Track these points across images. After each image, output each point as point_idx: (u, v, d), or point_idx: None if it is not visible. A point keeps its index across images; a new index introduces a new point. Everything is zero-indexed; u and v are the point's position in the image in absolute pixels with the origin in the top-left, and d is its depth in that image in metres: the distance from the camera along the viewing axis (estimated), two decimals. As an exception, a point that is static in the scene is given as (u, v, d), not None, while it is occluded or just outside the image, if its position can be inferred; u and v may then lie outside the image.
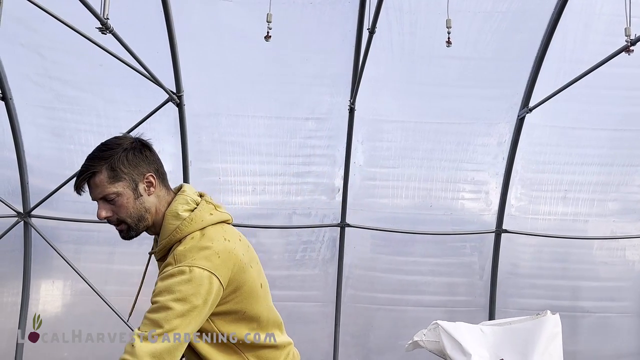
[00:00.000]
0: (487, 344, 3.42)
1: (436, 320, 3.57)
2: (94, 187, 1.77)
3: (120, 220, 1.80)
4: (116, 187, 1.77)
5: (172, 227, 1.82)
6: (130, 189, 1.80)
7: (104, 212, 1.78)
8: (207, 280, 1.69)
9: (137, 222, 1.82)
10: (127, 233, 1.83)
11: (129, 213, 1.80)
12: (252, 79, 4.67)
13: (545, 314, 3.49)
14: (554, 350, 3.31)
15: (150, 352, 1.62)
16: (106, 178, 1.76)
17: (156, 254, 1.89)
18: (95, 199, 1.78)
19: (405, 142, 4.92)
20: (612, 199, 5.08)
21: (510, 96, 4.69)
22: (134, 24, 4.02)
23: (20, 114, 4.67)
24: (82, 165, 1.79)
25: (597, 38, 4.26)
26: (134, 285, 5.58)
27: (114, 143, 1.84)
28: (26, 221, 4.91)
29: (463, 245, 5.21)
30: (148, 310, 1.70)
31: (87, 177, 1.76)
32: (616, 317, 5.16)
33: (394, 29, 4.31)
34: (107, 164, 1.77)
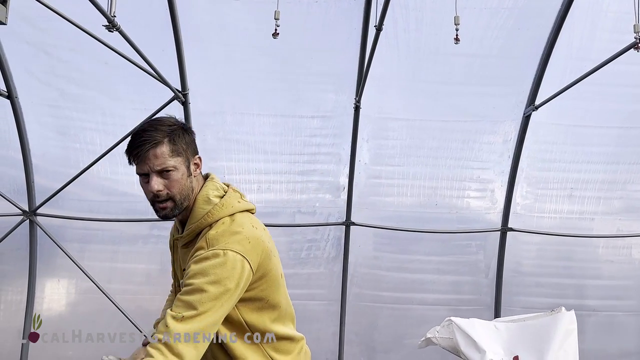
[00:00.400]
0: (502, 341, 3.39)
1: (449, 317, 3.55)
2: (153, 158, 1.75)
3: (169, 197, 1.79)
4: (175, 161, 1.78)
5: (203, 212, 1.83)
6: (184, 166, 1.81)
7: (157, 186, 1.76)
8: (239, 264, 1.72)
9: (182, 201, 1.82)
10: (171, 211, 1.81)
11: (180, 189, 1.79)
12: (257, 77, 4.67)
13: (560, 310, 3.47)
14: (569, 347, 3.28)
15: (184, 332, 1.63)
16: (168, 151, 1.76)
17: (183, 238, 1.88)
18: (151, 170, 1.76)
19: (411, 140, 4.91)
20: (618, 197, 5.06)
21: (516, 94, 4.67)
22: (140, 23, 4.01)
23: (25, 113, 4.68)
24: (139, 136, 1.76)
25: (604, 35, 4.24)
26: (137, 284, 5.64)
27: (170, 120, 1.84)
28: (31, 220, 4.92)
29: (468, 243, 5.19)
30: (181, 292, 1.71)
31: (150, 146, 1.74)
32: (622, 316, 5.14)
33: (399, 26, 4.30)
34: (169, 138, 1.77)
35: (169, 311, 1.67)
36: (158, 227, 5.14)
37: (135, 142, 1.77)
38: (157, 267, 5.23)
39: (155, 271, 5.24)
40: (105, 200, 5.03)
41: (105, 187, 5.02)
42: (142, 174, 1.79)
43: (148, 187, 1.77)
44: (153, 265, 5.22)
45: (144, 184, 1.79)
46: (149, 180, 1.76)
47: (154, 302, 5.22)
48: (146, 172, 1.77)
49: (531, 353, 3.28)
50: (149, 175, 1.76)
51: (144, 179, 1.79)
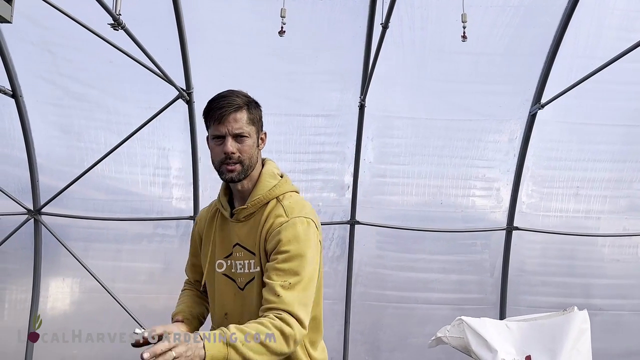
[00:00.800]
0: (513, 340, 3.36)
1: (460, 316, 3.52)
2: (233, 121, 1.84)
3: (239, 160, 1.86)
4: (250, 129, 1.88)
5: (269, 185, 1.92)
6: (255, 136, 1.91)
7: (231, 148, 1.84)
8: (318, 232, 1.89)
9: (248, 168, 1.89)
10: (238, 174, 1.88)
11: (249, 155, 1.88)
12: (262, 76, 4.65)
13: (572, 310, 3.44)
14: (582, 347, 3.26)
15: (296, 299, 1.72)
16: (245, 117, 1.87)
17: (246, 209, 1.92)
18: (229, 133, 1.84)
19: (416, 139, 4.89)
20: (624, 196, 5.03)
21: (522, 92, 4.64)
22: (144, 21, 4.00)
23: (30, 112, 4.69)
24: (221, 99, 1.86)
25: (610, 33, 4.22)
26: (141, 283, 5.65)
27: (245, 92, 1.95)
28: (36, 219, 4.92)
29: (473, 242, 5.17)
30: (278, 260, 1.77)
31: (232, 110, 1.84)
32: (628, 315, 5.11)
33: (404, 24, 4.28)
34: (247, 106, 1.89)
35: (272, 282, 1.73)
36: (162, 226, 5.15)
37: (216, 104, 1.86)
38: (161, 266, 5.23)
39: (159, 270, 5.25)
40: (110, 199, 5.04)
41: (110, 186, 5.03)
42: (217, 136, 1.86)
43: (222, 148, 1.85)
44: (157, 264, 5.22)
45: (216, 146, 1.87)
46: (224, 142, 1.84)
47: (158, 301, 5.22)
48: (222, 134, 1.84)
49: (544, 353, 3.25)
50: (225, 138, 1.84)
51: (218, 141, 1.86)
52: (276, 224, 1.84)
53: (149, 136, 4.81)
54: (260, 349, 1.61)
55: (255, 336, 1.61)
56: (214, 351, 1.54)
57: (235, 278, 1.93)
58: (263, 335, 1.62)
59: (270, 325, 1.64)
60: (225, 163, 1.86)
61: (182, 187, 5.03)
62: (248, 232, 1.90)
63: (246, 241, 1.91)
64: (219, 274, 1.96)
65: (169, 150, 4.93)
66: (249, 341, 1.60)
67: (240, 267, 1.91)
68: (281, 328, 1.65)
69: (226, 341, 1.56)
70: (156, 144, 4.89)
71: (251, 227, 1.90)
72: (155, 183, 5.02)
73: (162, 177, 5.01)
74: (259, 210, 1.91)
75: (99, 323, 5.01)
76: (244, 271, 1.91)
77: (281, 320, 1.66)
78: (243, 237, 1.91)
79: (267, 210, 1.89)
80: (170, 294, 5.24)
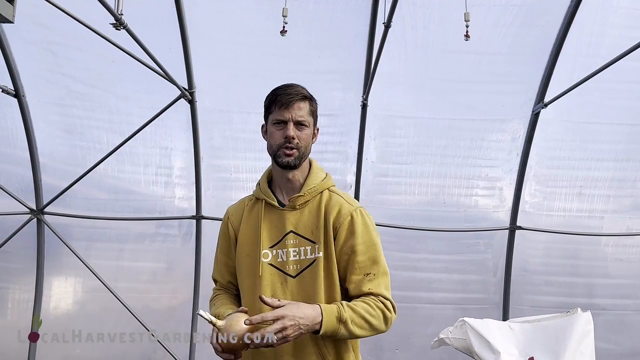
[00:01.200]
0: (516, 342, 3.34)
1: (463, 317, 3.51)
2: (297, 109, 1.96)
3: (297, 147, 1.97)
4: (310, 119, 2.00)
5: (321, 176, 2.07)
6: (312, 128, 2.03)
7: (292, 132, 1.95)
8: None
9: (303, 155, 2.00)
10: (294, 159, 1.98)
11: (306, 144, 2.00)
12: (264, 75, 4.64)
13: (576, 311, 3.43)
14: (585, 349, 3.24)
15: (383, 286, 1.96)
16: (308, 108, 2.00)
17: (302, 197, 2.01)
18: (292, 119, 1.95)
19: (418, 138, 4.88)
20: (628, 195, 5.01)
21: (525, 91, 4.63)
22: (146, 21, 4.01)
23: (32, 111, 4.69)
24: (288, 87, 1.99)
25: (614, 32, 4.20)
26: (144, 282, 5.65)
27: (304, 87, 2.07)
28: (39, 218, 4.93)
29: (476, 242, 5.16)
30: (359, 252, 1.94)
31: (299, 98, 1.97)
32: (632, 315, 5.09)
33: (407, 23, 4.27)
34: (310, 99, 2.02)
35: (358, 277, 1.92)
36: (165, 225, 5.15)
37: (283, 91, 1.98)
38: (163, 265, 5.24)
39: (161, 269, 5.26)
40: (112, 198, 5.04)
41: (112, 185, 5.03)
42: (279, 121, 1.97)
43: (283, 132, 1.96)
44: (159, 263, 5.23)
45: (277, 130, 1.97)
46: (286, 127, 1.96)
47: (160, 301, 5.23)
48: (285, 120, 1.96)
49: (547, 354, 3.23)
50: (287, 123, 1.95)
51: (279, 126, 1.97)
52: (345, 212, 1.97)
53: (151, 136, 4.81)
54: (363, 326, 1.86)
55: (362, 315, 1.85)
56: (329, 326, 1.78)
57: (283, 267, 1.97)
58: (368, 315, 1.86)
59: (375, 307, 1.89)
60: (284, 147, 1.96)
61: (184, 187, 5.04)
62: (304, 220, 1.99)
63: (302, 228, 1.98)
64: (264, 264, 1.98)
65: (171, 149, 4.94)
66: (356, 319, 1.84)
67: (294, 254, 1.97)
68: (383, 310, 1.91)
69: (339, 317, 1.80)
70: (158, 143, 4.90)
71: (308, 215, 1.99)
72: (157, 182, 5.03)
73: (164, 176, 5.01)
74: (312, 199, 2.01)
75: (101, 322, 5.01)
76: (299, 258, 1.97)
77: (383, 303, 1.91)
78: (298, 225, 1.99)
79: (323, 199, 2.01)
80: (172, 294, 5.26)
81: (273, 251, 1.98)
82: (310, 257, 1.94)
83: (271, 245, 1.99)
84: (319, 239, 1.95)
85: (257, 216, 2.05)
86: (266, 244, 1.99)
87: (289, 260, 1.96)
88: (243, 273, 2.04)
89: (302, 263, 1.95)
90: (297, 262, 1.96)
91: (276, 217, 2.01)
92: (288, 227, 1.98)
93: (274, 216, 2.01)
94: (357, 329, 1.84)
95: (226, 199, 5.05)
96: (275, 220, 2.01)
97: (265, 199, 2.05)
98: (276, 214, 2.01)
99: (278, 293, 1.95)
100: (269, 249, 1.99)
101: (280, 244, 1.98)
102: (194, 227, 5.06)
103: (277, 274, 1.96)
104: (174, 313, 5.17)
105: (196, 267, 5.06)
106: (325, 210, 1.98)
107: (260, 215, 2.03)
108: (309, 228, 1.97)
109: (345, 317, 1.81)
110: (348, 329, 1.81)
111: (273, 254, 1.98)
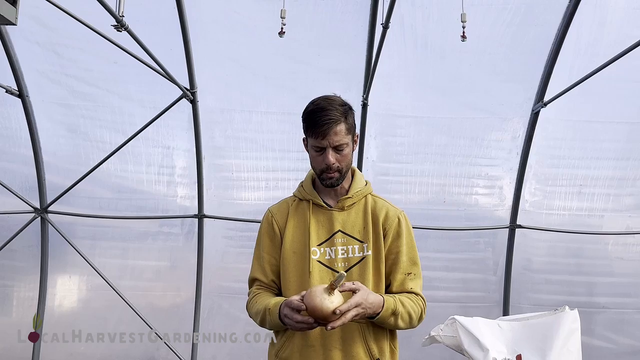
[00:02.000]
0: (505, 339, 3.39)
1: (453, 315, 3.55)
2: (333, 135, 1.96)
3: (338, 169, 2.02)
4: (348, 138, 2.01)
5: (363, 183, 2.17)
6: (352, 142, 2.06)
7: (332, 159, 1.99)
8: None
9: (346, 172, 2.07)
10: (336, 180, 2.05)
11: (347, 162, 2.05)
12: (265, 75, 4.68)
13: (563, 309, 3.46)
14: (572, 346, 3.28)
15: (419, 286, 2.10)
16: (344, 129, 1.99)
17: (350, 199, 2.11)
18: (329, 145, 1.97)
19: (419, 137, 4.90)
20: (628, 194, 5.01)
21: (525, 90, 4.64)
22: (148, 21, 4.05)
23: (36, 111, 4.74)
24: (323, 115, 1.95)
25: (613, 30, 4.20)
26: (147, 280, 5.68)
27: (341, 99, 2.06)
28: (43, 217, 4.98)
29: (477, 240, 5.18)
30: (403, 252, 2.07)
31: (334, 125, 1.95)
32: (633, 313, 5.09)
33: (406, 23, 4.29)
34: (345, 117, 1.99)
35: (402, 276, 2.06)
36: (168, 224, 5.19)
37: (318, 119, 1.95)
38: (166, 263, 5.28)
39: (165, 268, 5.29)
40: (115, 197, 5.09)
41: (115, 184, 5.08)
42: (318, 147, 1.99)
43: (323, 159, 2.00)
44: (162, 262, 5.27)
45: (317, 155, 2.01)
46: (325, 153, 1.99)
47: (164, 299, 5.27)
48: (324, 147, 1.98)
49: (534, 352, 3.28)
50: (325, 149, 1.98)
51: (319, 151, 2.00)
52: (392, 214, 2.10)
53: (153, 135, 4.85)
54: (406, 320, 2.00)
55: (409, 311, 2.00)
56: (385, 315, 1.92)
57: (331, 264, 2.05)
58: (412, 312, 2.01)
59: (418, 305, 2.04)
60: (325, 172, 2.02)
61: (186, 186, 5.07)
62: (352, 220, 2.09)
63: (350, 228, 2.07)
64: (314, 261, 2.04)
65: (174, 149, 4.98)
66: (404, 314, 1.98)
67: (342, 252, 2.05)
68: (422, 309, 2.07)
69: (394, 310, 1.95)
70: (161, 143, 4.94)
71: (355, 216, 2.09)
72: (160, 182, 5.07)
73: (166, 175, 5.05)
74: (358, 202, 2.11)
75: (105, 320, 5.06)
76: (347, 256, 2.05)
77: (421, 301, 2.07)
78: (346, 225, 2.08)
79: (368, 202, 2.11)
80: (176, 292, 5.30)
81: (321, 249, 2.06)
82: (359, 255, 2.04)
83: (319, 243, 2.07)
84: (367, 238, 2.05)
85: (304, 215, 2.11)
86: (314, 242, 2.07)
87: (337, 258, 2.05)
88: (290, 271, 2.08)
89: (350, 261, 2.05)
90: (345, 260, 2.05)
91: (323, 217, 2.09)
92: (336, 226, 2.07)
93: (321, 216, 2.09)
94: (401, 322, 1.98)
95: (228, 198, 5.09)
96: (323, 220, 2.09)
97: (312, 199, 2.12)
98: (323, 214, 2.10)
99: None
100: (317, 247, 2.06)
101: (328, 242, 2.07)
102: (196, 225, 5.10)
103: (326, 271, 2.03)
104: (178, 310, 5.21)
105: (198, 265, 5.10)
106: (372, 212, 2.09)
107: (309, 214, 2.09)
108: (356, 228, 2.07)
109: (399, 311, 1.95)
110: (395, 321, 1.96)
111: (321, 251, 2.06)
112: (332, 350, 1.97)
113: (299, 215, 2.13)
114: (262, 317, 2.00)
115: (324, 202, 2.11)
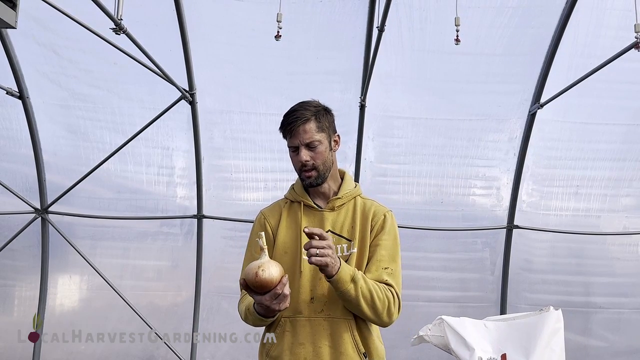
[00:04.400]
0: (491, 339, 3.45)
1: (441, 316, 3.61)
2: (302, 133, 2.05)
3: (314, 167, 2.08)
4: (320, 136, 2.07)
5: (352, 184, 2.22)
6: (327, 141, 2.11)
7: (305, 157, 2.06)
8: None
9: (325, 171, 2.11)
10: (315, 179, 2.10)
11: (323, 160, 2.09)
12: (264, 76, 4.71)
13: (548, 309, 3.51)
14: (555, 345, 3.33)
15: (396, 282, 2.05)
16: (314, 127, 2.07)
17: (340, 199, 2.16)
18: (301, 144, 2.05)
19: (416, 138, 4.92)
20: (624, 195, 5.04)
21: (522, 92, 4.67)
22: (147, 23, 4.08)
23: (36, 112, 4.78)
24: (291, 115, 2.06)
25: (609, 32, 4.22)
26: (148, 280, 5.70)
27: (314, 102, 2.16)
28: (43, 217, 5.01)
29: (474, 241, 5.21)
30: (380, 247, 2.07)
31: (300, 123, 2.04)
32: (630, 313, 5.12)
33: (403, 25, 4.32)
34: (315, 116, 2.08)
35: (380, 270, 2.03)
36: (167, 224, 5.22)
37: (287, 119, 2.07)
38: (166, 263, 5.31)
39: (164, 267, 5.32)
40: (115, 197, 5.12)
41: (115, 184, 5.11)
42: (293, 147, 2.08)
43: (297, 158, 2.08)
44: (162, 261, 5.30)
45: (294, 156, 2.09)
46: (299, 152, 2.06)
47: (165, 298, 5.30)
48: (296, 145, 2.06)
49: (519, 351, 3.35)
50: (299, 148, 2.06)
51: (294, 151, 2.09)
52: (379, 212, 2.13)
53: (152, 136, 4.89)
54: (367, 298, 1.94)
55: (370, 289, 1.94)
56: (343, 275, 1.89)
57: None
58: (375, 293, 1.95)
59: (384, 293, 1.98)
60: (303, 170, 2.09)
61: (185, 186, 5.10)
62: (341, 220, 2.13)
63: (339, 228, 2.12)
64: (304, 261, 2.07)
65: (173, 149, 5.01)
66: (364, 289, 1.93)
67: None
68: (390, 300, 1.99)
69: (353, 276, 1.92)
70: (160, 143, 4.97)
71: (344, 216, 2.14)
72: (159, 182, 5.10)
73: (166, 176, 5.09)
74: (347, 203, 2.16)
75: (106, 320, 5.09)
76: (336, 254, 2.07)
77: (392, 295, 2.00)
78: (335, 224, 2.13)
79: (357, 203, 2.16)
80: (176, 291, 5.33)
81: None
82: (346, 254, 2.09)
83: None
84: (354, 237, 2.10)
85: (295, 216, 2.17)
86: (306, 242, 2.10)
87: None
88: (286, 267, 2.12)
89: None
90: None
91: (314, 217, 2.15)
92: (327, 226, 2.12)
93: (312, 217, 2.15)
94: (362, 300, 1.93)
95: (227, 198, 5.12)
96: (314, 221, 2.14)
97: (303, 201, 2.18)
98: (314, 215, 2.15)
99: (317, 287, 2.05)
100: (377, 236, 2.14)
101: None
102: (196, 225, 5.13)
103: (316, 270, 2.05)
104: (178, 310, 5.24)
105: (198, 265, 5.13)
106: (361, 212, 2.14)
107: (300, 215, 2.15)
108: (345, 228, 2.12)
109: (358, 279, 1.92)
110: (356, 292, 1.91)
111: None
112: (322, 347, 2.01)
113: (291, 217, 2.18)
114: (246, 317, 2.06)
115: (314, 204, 2.17)
